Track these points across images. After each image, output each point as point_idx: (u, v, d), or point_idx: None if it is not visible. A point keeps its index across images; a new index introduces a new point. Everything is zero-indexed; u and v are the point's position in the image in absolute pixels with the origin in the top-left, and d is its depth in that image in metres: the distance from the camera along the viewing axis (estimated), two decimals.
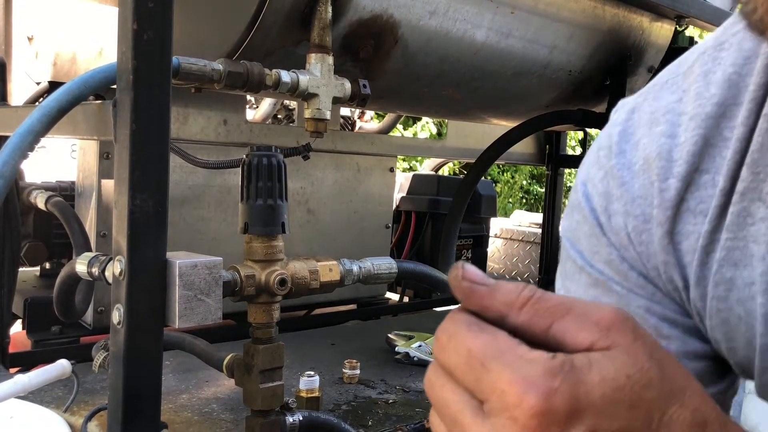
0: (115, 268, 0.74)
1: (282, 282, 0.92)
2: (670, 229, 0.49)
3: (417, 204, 2.47)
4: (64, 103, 0.81)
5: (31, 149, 0.78)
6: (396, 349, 1.49)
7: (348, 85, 1.15)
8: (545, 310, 0.36)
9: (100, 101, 1.28)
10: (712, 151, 0.48)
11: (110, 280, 0.77)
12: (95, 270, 0.87)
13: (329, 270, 1.00)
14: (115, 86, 0.76)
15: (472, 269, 0.37)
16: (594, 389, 0.33)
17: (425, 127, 8.24)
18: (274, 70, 1.07)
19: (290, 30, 1.17)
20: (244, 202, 0.93)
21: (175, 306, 0.76)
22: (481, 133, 2.30)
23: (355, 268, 1.04)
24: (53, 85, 1.67)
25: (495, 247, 3.01)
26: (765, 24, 0.38)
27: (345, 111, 2.76)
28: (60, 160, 3.04)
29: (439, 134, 8.19)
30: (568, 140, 2.77)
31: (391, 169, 2.17)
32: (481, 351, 0.34)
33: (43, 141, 0.81)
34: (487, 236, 2.59)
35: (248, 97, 2.02)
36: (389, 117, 2.62)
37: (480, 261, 2.55)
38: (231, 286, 0.89)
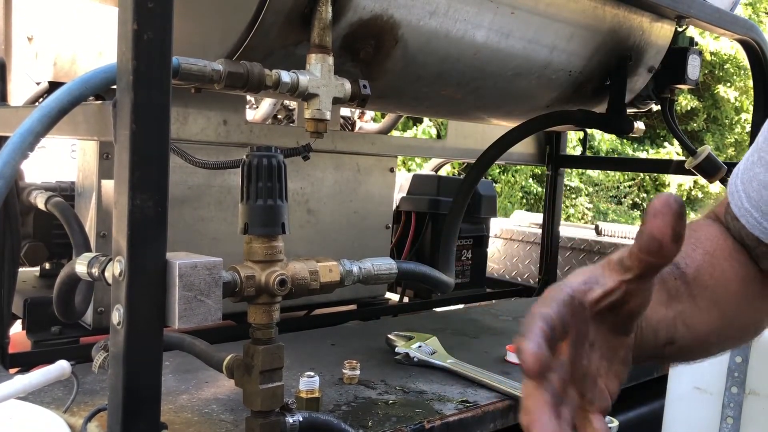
0: (115, 268, 0.74)
1: (282, 282, 0.92)
2: None
3: (417, 204, 2.46)
4: (65, 104, 0.81)
5: (32, 149, 0.78)
6: (396, 349, 1.49)
7: (348, 85, 1.15)
8: None
9: (100, 102, 1.28)
10: None
11: (110, 280, 0.77)
12: (95, 270, 0.87)
13: (329, 270, 1.00)
14: (115, 86, 0.76)
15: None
16: None
17: (425, 132, 8.19)
18: (274, 71, 1.07)
19: (290, 30, 1.17)
20: (244, 203, 0.93)
21: (175, 306, 0.76)
22: (481, 133, 2.30)
23: (355, 269, 1.04)
24: (53, 86, 1.67)
25: (495, 247, 3.01)
26: None
27: (345, 111, 2.76)
28: (60, 160, 3.05)
29: (439, 136, 8.17)
30: (568, 140, 2.77)
31: (391, 170, 2.17)
32: None
33: (43, 141, 0.81)
34: (487, 236, 2.59)
35: (248, 97, 2.02)
36: (389, 117, 2.62)
37: (480, 261, 2.55)
38: (231, 286, 0.89)
